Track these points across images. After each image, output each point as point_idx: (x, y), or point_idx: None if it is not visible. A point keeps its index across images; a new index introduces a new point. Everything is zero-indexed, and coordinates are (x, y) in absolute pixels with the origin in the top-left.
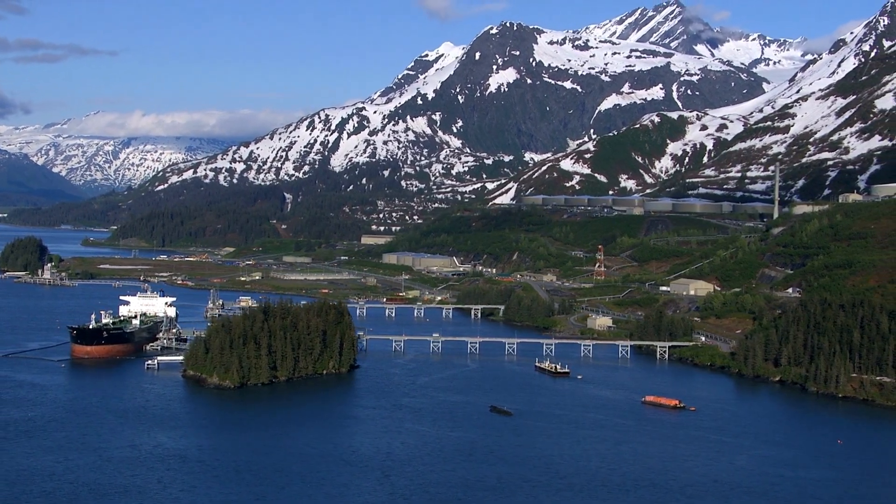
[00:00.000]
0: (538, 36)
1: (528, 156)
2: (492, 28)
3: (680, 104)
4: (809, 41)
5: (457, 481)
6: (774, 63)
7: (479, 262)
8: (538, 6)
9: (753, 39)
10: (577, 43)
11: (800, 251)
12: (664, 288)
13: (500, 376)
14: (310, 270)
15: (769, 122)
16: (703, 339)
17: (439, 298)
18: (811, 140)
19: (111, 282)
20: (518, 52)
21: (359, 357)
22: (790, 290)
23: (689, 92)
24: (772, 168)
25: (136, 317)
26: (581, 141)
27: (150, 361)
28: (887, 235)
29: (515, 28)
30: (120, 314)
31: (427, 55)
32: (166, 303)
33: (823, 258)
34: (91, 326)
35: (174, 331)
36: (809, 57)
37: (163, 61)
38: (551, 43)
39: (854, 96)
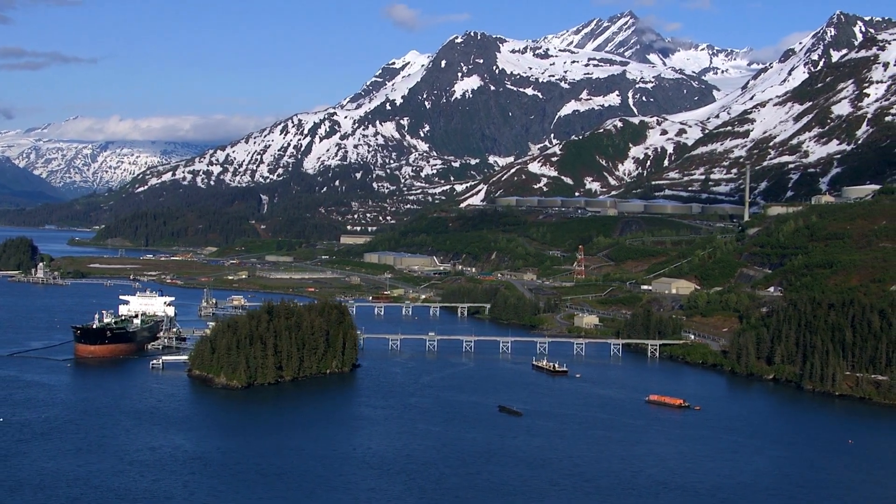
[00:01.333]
0: (501, 45)
1: (491, 159)
2: (457, 37)
3: (635, 110)
4: (755, 51)
5: (483, 485)
6: (722, 72)
7: (458, 261)
8: (500, 17)
9: (702, 49)
10: (537, 52)
11: (777, 251)
12: (646, 287)
13: (499, 375)
14: (294, 269)
15: (729, 127)
16: (693, 337)
17: (424, 297)
18: (771, 144)
19: (103, 281)
20: (482, 61)
21: (358, 356)
22: (771, 289)
23: (643, 99)
24: (734, 171)
25: (136, 316)
26: (543, 145)
27: (154, 361)
28: (864, 236)
29: (479, 37)
30: (119, 314)
31: (394, 63)
32: (165, 302)
33: (802, 258)
34: (95, 326)
35: (174, 330)
36: (755, 66)
37: (140, 68)
38: (513, 52)
39: (810, 102)
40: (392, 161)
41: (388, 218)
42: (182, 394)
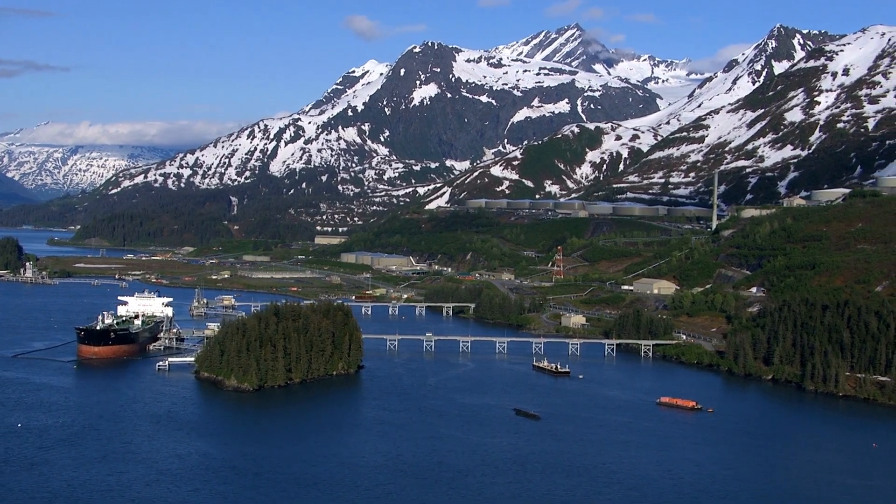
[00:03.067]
0: (457, 54)
1: (448, 163)
2: (415, 47)
3: (584, 117)
4: (693, 62)
5: (527, 495)
6: (663, 81)
7: (433, 261)
8: (454, 28)
9: (644, 60)
10: (491, 61)
11: (755, 252)
12: (626, 287)
13: (502, 376)
14: (275, 269)
15: (685, 133)
16: (684, 337)
17: (406, 296)
18: (727, 149)
19: (89, 280)
20: (439, 69)
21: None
22: (753, 289)
23: (592, 106)
24: (692, 175)
25: (137, 317)
26: (497, 150)
27: (160, 363)
28: (841, 238)
29: (436, 47)
30: (118, 314)
31: (354, 71)
32: (163, 303)
33: (782, 259)
34: (98, 328)
35: (174, 331)
36: (694, 76)
37: (110, 76)
38: (468, 61)
39: (763, 110)
40: (354, 165)
41: (356, 219)
42: (194, 396)
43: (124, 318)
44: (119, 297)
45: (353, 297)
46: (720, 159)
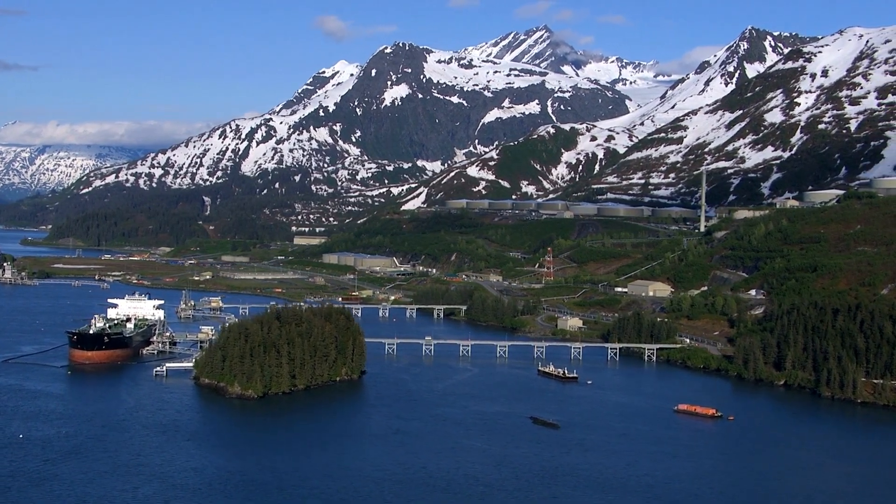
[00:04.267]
0: (428, 55)
1: (420, 163)
2: (386, 48)
3: (554, 118)
4: (661, 64)
5: None
6: (631, 83)
7: (417, 262)
8: (424, 29)
9: (612, 62)
10: (462, 62)
11: (750, 254)
12: (620, 289)
13: (508, 382)
14: (257, 270)
15: (663, 134)
16: (687, 341)
17: (393, 298)
18: (706, 150)
19: (70, 281)
20: (410, 70)
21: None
22: (752, 291)
23: (562, 107)
24: (672, 176)
25: (129, 320)
26: (468, 150)
27: (158, 368)
28: (840, 239)
29: (407, 48)
30: (108, 317)
31: (324, 72)
32: (154, 305)
33: (781, 261)
34: (91, 331)
35: (167, 334)
36: (662, 78)
37: (78, 76)
38: (439, 62)
39: (741, 111)
40: (326, 165)
41: (331, 219)
42: (197, 404)
43: (116, 322)
44: (109, 300)
45: (340, 299)
46: (700, 160)
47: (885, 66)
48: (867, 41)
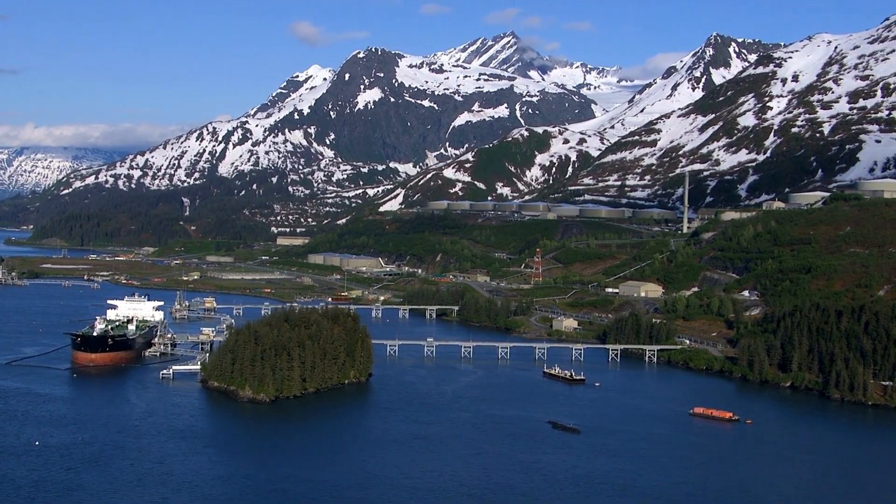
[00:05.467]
0: (400, 60)
1: (392, 165)
2: (359, 52)
3: (523, 121)
4: (623, 69)
5: None
6: (595, 88)
7: (402, 262)
8: (395, 35)
9: (577, 67)
10: (433, 67)
11: (740, 255)
12: (611, 290)
13: (515, 384)
14: (244, 270)
15: (636, 137)
16: (687, 342)
17: (383, 298)
18: (681, 153)
19: (60, 281)
20: (382, 74)
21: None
22: (746, 292)
23: (530, 111)
24: (647, 178)
25: (129, 321)
26: (440, 153)
27: (164, 371)
28: (831, 241)
29: (380, 53)
30: (108, 318)
31: (298, 76)
32: (154, 307)
33: (773, 263)
34: (95, 334)
35: (168, 336)
36: (625, 83)
37: (56, 79)
38: (411, 66)
39: (714, 115)
40: (301, 167)
41: (310, 220)
42: (209, 408)
43: (118, 324)
44: (108, 301)
45: (330, 300)
46: (675, 163)
47: (855, 71)
48: (836, 47)
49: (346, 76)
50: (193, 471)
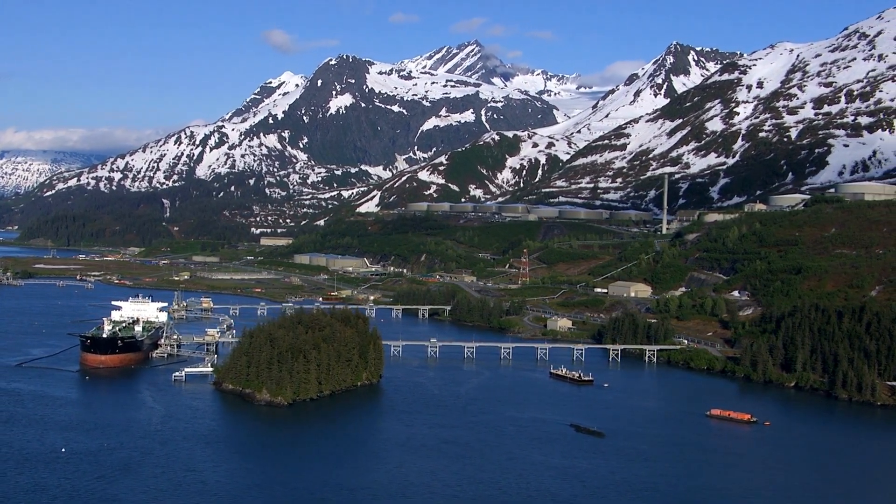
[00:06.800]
0: (370, 67)
1: (363, 167)
2: (331, 60)
3: (488, 126)
4: (582, 76)
5: None
6: (555, 94)
7: (387, 262)
8: (365, 43)
9: (538, 74)
10: (401, 74)
11: (726, 256)
12: (600, 290)
13: (524, 385)
14: (233, 270)
15: (606, 141)
16: (685, 342)
17: (373, 298)
18: (651, 156)
19: (54, 281)
20: (353, 81)
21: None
22: (735, 293)
23: (495, 116)
24: (619, 180)
25: (135, 322)
26: (408, 156)
27: (177, 373)
28: (817, 242)
29: (351, 60)
30: (114, 319)
31: (271, 82)
32: (158, 308)
33: (762, 263)
34: (105, 335)
35: (174, 337)
36: (584, 89)
37: (36, 85)
38: (381, 73)
39: (681, 119)
40: (276, 169)
41: (288, 220)
42: (229, 412)
43: (125, 325)
44: (112, 302)
45: (321, 299)
46: (646, 166)
47: (818, 78)
48: (798, 55)
49: (319, 82)
50: (228, 479)
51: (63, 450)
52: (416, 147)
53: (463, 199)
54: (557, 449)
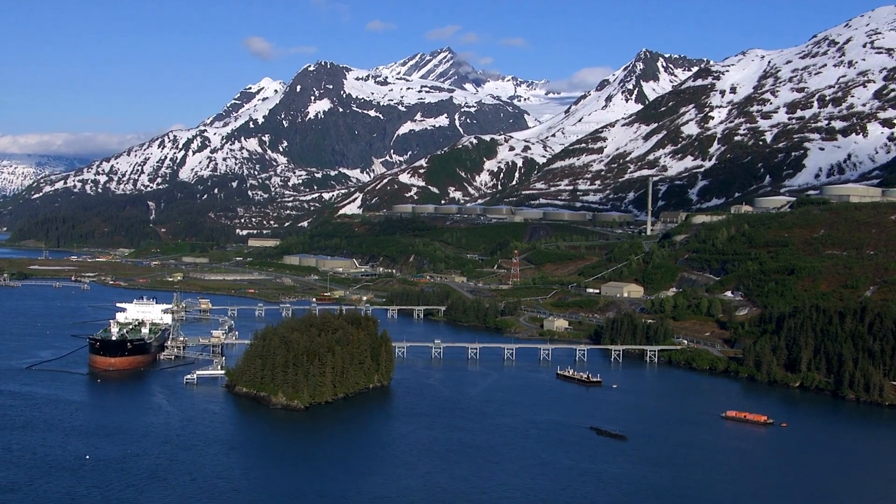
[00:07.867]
0: (347, 73)
1: (342, 170)
2: (310, 66)
3: (461, 130)
4: (551, 83)
5: None
6: (525, 99)
7: (375, 263)
8: (342, 50)
9: (508, 80)
10: (378, 80)
11: (716, 257)
12: (592, 290)
13: (534, 386)
14: (224, 271)
15: (583, 144)
16: (685, 342)
17: (366, 298)
18: (628, 159)
19: (50, 282)
20: (331, 86)
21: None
22: (728, 293)
23: (468, 121)
24: (598, 182)
25: (141, 324)
26: (385, 159)
27: (188, 376)
28: (807, 243)
29: (329, 66)
30: (119, 321)
31: (250, 88)
32: (162, 309)
33: (753, 264)
34: (114, 338)
35: (180, 339)
36: (552, 95)
37: (20, 90)
38: (358, 79)
39: (657, 123)
40: (257, 172)
41: (272, 222)
42: (246, 417)
43: (132, 327)
44: (117, 304)
45: (314, 300)
46: (624, 168)
47: (790, 83)
48: (769, 62)
49: (298, 88)
50: (260, 486)
51: (87, 457)
52: (392, 150)
53: (443, 201)
54: (584, 453)
